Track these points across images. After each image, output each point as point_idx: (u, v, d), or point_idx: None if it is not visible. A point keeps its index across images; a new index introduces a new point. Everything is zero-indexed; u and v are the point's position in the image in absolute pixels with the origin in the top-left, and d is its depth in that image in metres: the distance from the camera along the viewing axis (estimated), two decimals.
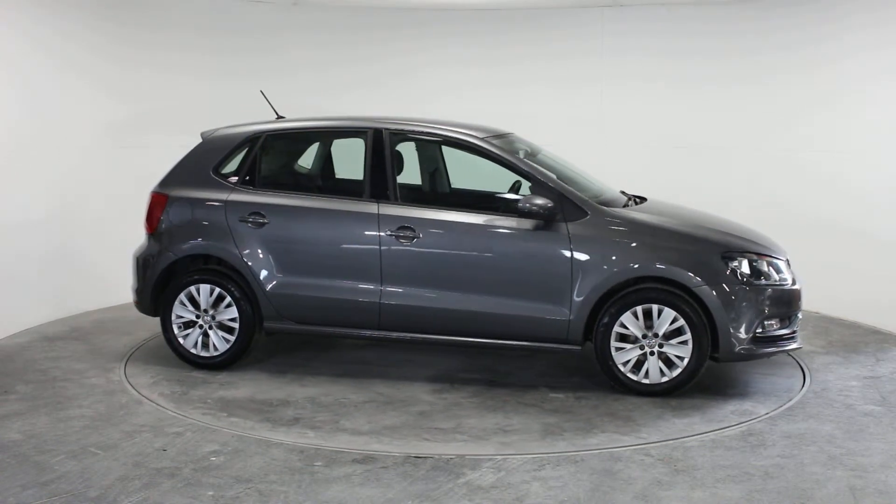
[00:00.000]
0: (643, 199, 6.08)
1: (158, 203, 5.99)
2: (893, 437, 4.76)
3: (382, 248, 5.57)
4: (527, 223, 5.42)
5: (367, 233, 5.60)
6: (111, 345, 6.46)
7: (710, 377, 5.70)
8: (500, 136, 6.25)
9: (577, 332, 5.37)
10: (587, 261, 5.33)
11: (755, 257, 5.38)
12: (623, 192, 6.17)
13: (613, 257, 5.32)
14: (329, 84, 8.61)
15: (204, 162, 6.02)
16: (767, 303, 5.31)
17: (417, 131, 5.92)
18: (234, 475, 4.18)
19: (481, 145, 5.69)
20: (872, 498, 4.00)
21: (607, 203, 5.67)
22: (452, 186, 6.67)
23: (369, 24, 8.85)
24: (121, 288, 7.73)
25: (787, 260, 5.66)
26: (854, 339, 6.79)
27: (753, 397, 5.39)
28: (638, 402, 5.27)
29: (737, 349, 5.27)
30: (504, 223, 5.48)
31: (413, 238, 5.53)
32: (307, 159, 6.65)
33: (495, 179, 6.18)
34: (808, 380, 5.74)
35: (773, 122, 7.82)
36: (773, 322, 5.36)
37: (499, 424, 4.93)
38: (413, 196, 6.10)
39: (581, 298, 5.32)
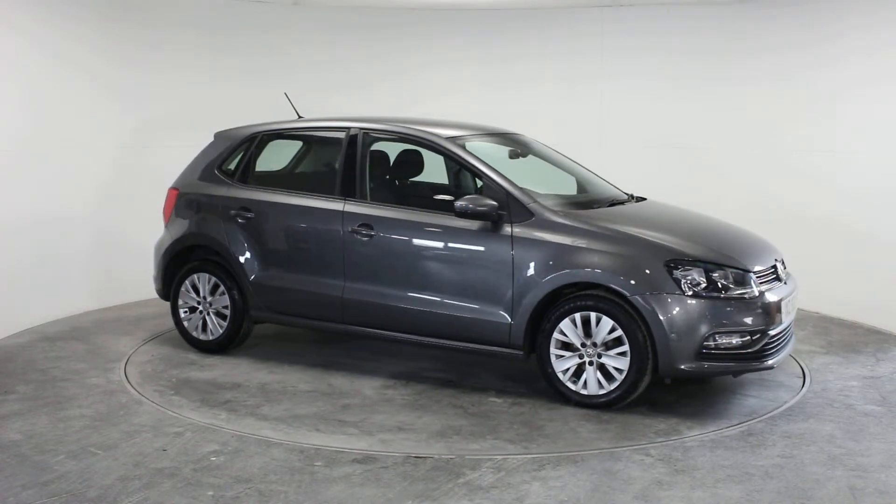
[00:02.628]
0: (641, 200, 6.07)
1: (171, 197, 6.51)
2: (893, 437, 4.76)
3: (345, 244, 5.69)
4: (475, 224, 5.36)
5: (332, 229, 5.76)
6: (111, 345, 6.47)
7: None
8: (504, 135, 6.33)
9: (519, 336, 5.22)
10: (527, 264, 5.19)
11: (711, 267, 4.98)
12: (631, 195, 6.11)
13: (551, 261, 5.13)
14: (329, 84, 8.62)
15: (210, 159, 6.44)
16: (719, 316, 4.89)
17: (387, 130, 5.95)
18: (234, 475, 4.18)
19: (443, 145, 5.68)
20: (872, 498, 4.00)
21: (586, 204, 5.60)
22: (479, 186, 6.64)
23: (369, 24, 8.86)
24: (121, 287, 7.76)
25: (774, 268, 5.34)
26: (854, 339, 6.79)
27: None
28: (568, 412, 5.07)
29: (679, 365, 4.90)
30: (454, 223, 5.41)
31: (371, 236, 5.62)
32: (296, 157, 6.74)
33: (520, 179, 6.20)
34: (808, 380, 5.74)
35: (773, 122, 7.82)
36: (730, 338, 4.93)
37: (402, 422, 4.93)
38: (397, 194, 6.15)
39: (521, 303, 5.19)
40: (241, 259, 6.05)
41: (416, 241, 5.54)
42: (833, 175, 7.41)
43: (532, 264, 5.19)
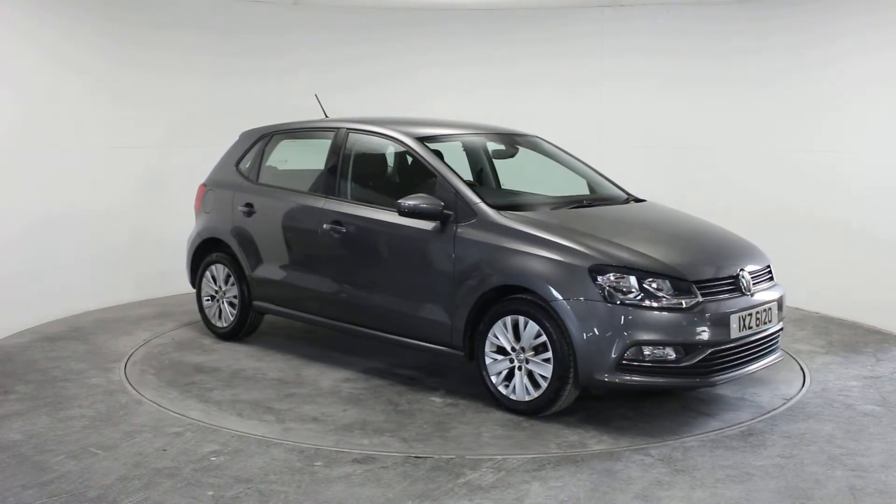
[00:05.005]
0: (640, 201, 6.02)
1: (199, 192, 6.91)
2: (893, 437, 4.76)
3: (322, 240, 5.87)
4: (429, 223, 5.35)
5: (313, 226, 5.93)
6: (111, 345, 6.47)
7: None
8: (508, 135, 6.42)
9: (459, 337, 5.20)
10: (464, 265, 5.16)
11: (642, 274, 4.73)
12: (628, 197, 6.06)
13: (486, 263, 5.08)
14: (329, 84, 8.61)
15: (231, 157, 6.79)
16: (643, 326, 4.63)
17: (363, 130, 6.05)
18: (234, 475, 4.18)
19: (409, 144, 5.72)
20: (872, 498, 4.00)
21: (552, 205, 5.56)
22: (503, 187, 6.62)
23: (369, 24, 8.86)
24: (120, 287, 7.76)
25: (734, 277, 4.97)
26: (854, 339, 6.79)
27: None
28: (494, 417, 5.01)
29: (598, 376, 4.69)
30: (412, 222, 5.42)
31: (342, 233, 5.74)
32: (297, 156, 6.82)
33: (543, 179, 6.24)
34: (808, 380, 5.74)
35: (773, 122, 7.82)
36: (659, 351, 4.67)
37: (323, 414, 5.07)
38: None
39: (459, 304, 5.17)
40: (245, 253, 6.38)
41: (378, 240, 5.63)
42: (833, 175, 7.40)
43: (469, 265, 5.16)
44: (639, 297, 4.69)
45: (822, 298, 7.49)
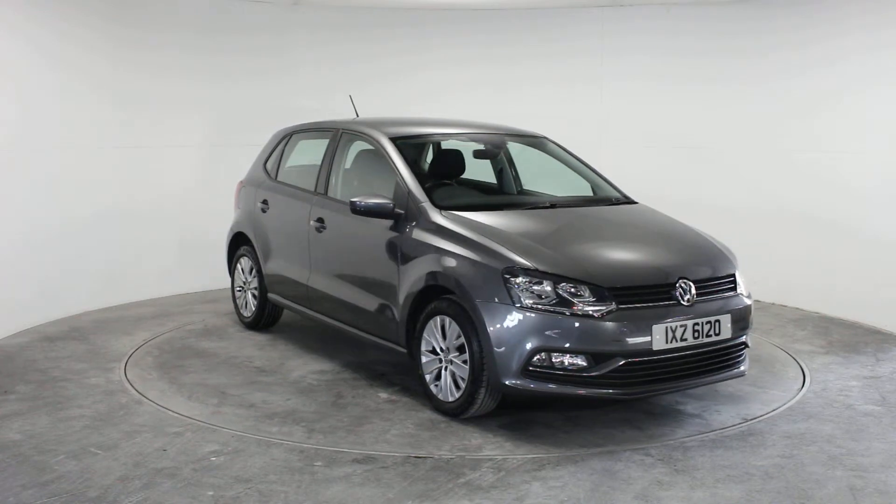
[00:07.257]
0: (631, 203, 5.92)
1: (238, 188, 7.22)
2: (893, 437, 4.76)
3: (310, 237, 6.09)
4: (386, 221, 5.38)
5: (304, 223, 6.14)
6: (111, 345, 6.46)
7: None
8: (523, 135, 6.48)
9: (402, 334, 5.24)
10: (407, 264, 5.19)
11: (556, 279, 4.57)
12: (618, 199, 5.97)
13: (420, 262, 5.09)
14: (329, 84, 8.62)
15: (262, 155, 7.09)
16: (550, 332, 4.48)
17: (354, 130, 6.18)
18: (234, 475, 4.19)
19: (381, 143, 5.78)
20: (872, 498, 4.00)
21: (526, 205, 5.57)
22: (523, 187, 6.60)
23: (369, 24, 8.86)
24: (120, 287, 7.76)
25: (669, 286, 4.68)
26: (854, 339, 6.79)
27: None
28: (421, 416, 5.00)
29: (503, 380, 4.58)
30: (374, 220, 5.45)
31: (323, 230, 5.96)
32: (307, 155, 6.84)
33: (559, 179, 6.27)
34: (807, 380, 5.74)
35: (773, 122, 7.82)
36: (567, 358, 4.50)
37: (264, 401, 5.24)
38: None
39: (401, 302, 5.21)
40: (260, 247, 6.70)
41: (350, 237, 5.76)
42: (833, 174, 7.40)
43: (410, 264, 5.19)
44: (553, 302, 4.54)
45: (822, 298, 7.49)
